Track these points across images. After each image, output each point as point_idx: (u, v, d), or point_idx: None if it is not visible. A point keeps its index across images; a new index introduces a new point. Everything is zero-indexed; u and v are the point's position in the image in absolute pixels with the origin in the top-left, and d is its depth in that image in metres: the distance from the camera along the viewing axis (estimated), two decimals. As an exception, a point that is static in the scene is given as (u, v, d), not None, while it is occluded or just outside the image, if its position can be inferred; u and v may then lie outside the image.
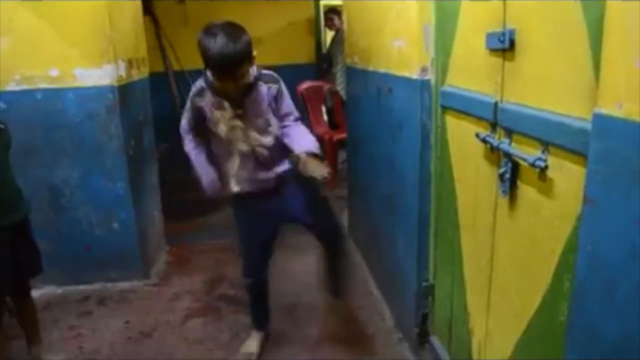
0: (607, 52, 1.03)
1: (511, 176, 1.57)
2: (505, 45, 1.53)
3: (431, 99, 2.23)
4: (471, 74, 1.86)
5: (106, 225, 3.35)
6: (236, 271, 2.96)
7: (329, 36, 7.09)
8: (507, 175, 1.58)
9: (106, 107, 3.15)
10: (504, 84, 1.60)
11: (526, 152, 1.47)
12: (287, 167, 2.43)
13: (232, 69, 2.09)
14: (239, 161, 2.36)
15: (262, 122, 2.32)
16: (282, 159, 2.42)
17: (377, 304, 3.11)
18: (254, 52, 2.18)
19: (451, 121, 2.09)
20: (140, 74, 3.60)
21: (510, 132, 1.58)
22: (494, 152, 1.68)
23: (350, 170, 4.05)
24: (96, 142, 3.20)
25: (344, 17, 3.84)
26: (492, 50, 1.63)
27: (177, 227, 4.26)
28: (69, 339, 2.88)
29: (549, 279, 1.40)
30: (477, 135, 1.74)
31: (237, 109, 2.27)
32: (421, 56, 2.22)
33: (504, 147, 1.58)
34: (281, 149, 2.38)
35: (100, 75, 3.12)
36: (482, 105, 1.72)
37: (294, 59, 6.47)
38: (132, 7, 3.51)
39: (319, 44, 6.89)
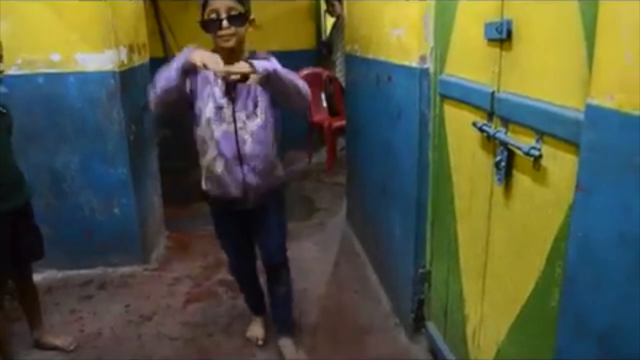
0: (600, 46, 1.05)
1: (506, 165, 1.60)
2: (502, 35, 1.56)
3: (430, 88, 2.25)
4: (469, 64, 1.88)
5: (107, 210, 3.38)
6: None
7: (329, 22, 7.06)
8: (502, 163, 1.61)
9: (107, 92, 3.17)
10: (501, 74, 1.62)
11: (521, 141, 1.50)
12: (271, 183, 2.39)
13: None
14: (216, 151, 2.23)
15: (251, 104, 2.21)
16: (270, 166, 2.36)
17: (374, 289, 3.15)
18: (253, 16, 2.16)
19: (449, 110, 2.11)
20: (141, 59, 3.62)
21: (506, 122, 1.60)
22: (490, 141, 1.70)
23: (349, 157, 4.07)
24: (97, 127, 3.22)
25: (344, 4, 3.84)
26: (490, 40, 1.66)
27: (177, 213, 4.29)
28: (70, 322, 2.92)
29: (542, 265, 1.44)
30: (474, 124, 1.77)
31: (228, 87, 2.18)
32: (420, 45, 2.23)
33: (500, 136, 1.61)
34: (266, 145, 2.30)
35: (101, 60, 3.13)
36: (480, 94, 1.75)
37: (294, 45, 6.44)
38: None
39: (319, 30, 6.86)
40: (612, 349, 1.08)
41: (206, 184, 2.37)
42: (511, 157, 1.59)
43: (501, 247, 1.72)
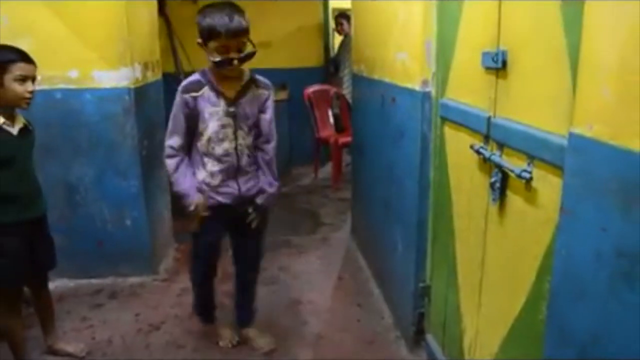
0: (581, 80, 1.15)
1: (501, 186, 1.70)
2: (498, 64, 1.66)
3: (431, 111, 2.36)
4: (468, 89, 1.99)
5: (119, 222, 3.48)
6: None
7: (337, 40, 7.19)
8: (497, 184, 1.70)
9: (122, 108, 3.29)
10: (496, 100, 1.73)
11: (514, 164, 1.60)
12: (256, 189, 2.53)
13: (234, 27, 2.15)
14: (217, 166, 2.41)
15: (251, 122, 2.41)
16: (256, 176, 2.53)
17: (377, 303, 3.23)
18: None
19: (449, 132, 2.22)
20: (154, 75, 3.75)
21: (501, 145, 1.70)
22: (487, 163, 1.80)
23: (354, 173, 4.18)
24: (112, 142, 3.34)
25: (352, 26, 3.96)
26: (487, 68, 1.76)
27: (185, 226, 4.37)
28: (81, 329, 3.02)
29: (532, 281, 1.53)
30: (471, 146, 1.87)
31: (231, 106, 2.33)
32: (423, 69, 2.35)
33: (495, 158, 1.70)
34: (255, 160, 2.51)
35: (117, 77, 3.26)
36: (477, 118, 1.85)
37: (303, 62, 6.57)
38: (148, 11, 3.66)
39: (327, 48, 6.99)
40: (592, 356, 1.16)
41: (198, 192, 2.47)
42: (505, 178, 1.69)
43: (496, 263, 1.81)
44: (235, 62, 2.23)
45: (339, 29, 6.59)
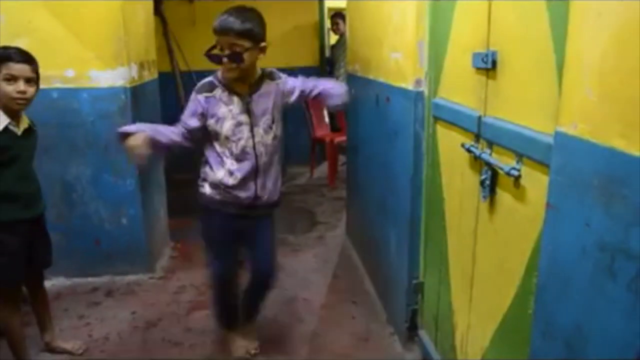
0: (565, 80, 1.19)
1: (491, 183, 1.73)
2: (488, 65, 1.70)
3: (424, 110, 2.39)
4: (459, 89, 2.02)
5: (115, 220, 3.51)
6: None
7: (333, 40, 7.21)
8: (487, 182, 1.74)
9: (118, 108, 3.32)
10: (487, 99, 1.76)
11: (503, 162, 1.64)
12: (276, 196, 2.52)
13: (231, 25, 2.17)
14: (235, 165, 2.37)
15: (268, 119, 2.38)
16: (276, 180, 2.50)
17: (371, 300, 3.27)
18: (264, 43, 2.28)
19: (441, 131, 2.25)
20: (150, 75, 3.78)
21: (491, 144, 1.74)
22: (477, 161, 1.84)
23: (349, 172, 4.21)
24: (108, 141, 3.35)
25: (347, 26, 4.00)
26: (478, 68, 1.80)
27: (181, 224, 4.42)
28: (78, 327, 3.04)
29: (521, 276, 1.57)
30: (462, 145, 1.90)
31: (245, 104, 2.33)
32: (416, 69, 2.38)
33: (485, 156, 1.74)
34: (277, 159, 2.48)
35: (113, 76, 3.29)
36: (468, 118, 1.89)
37: (299, 62, 6.58)
38: (144, 11, 3.69)
39: (322, 47, 7.01)
40: (577, 348, 1.20)
41: (211, 192, 2.44)
42: (495, 176, 1.72)
43: (486, 259, 1.85)
44: (224, 59, 2.23)
45: (335, 29, 6.62)
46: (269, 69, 2.47)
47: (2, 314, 2.46)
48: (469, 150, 1.86)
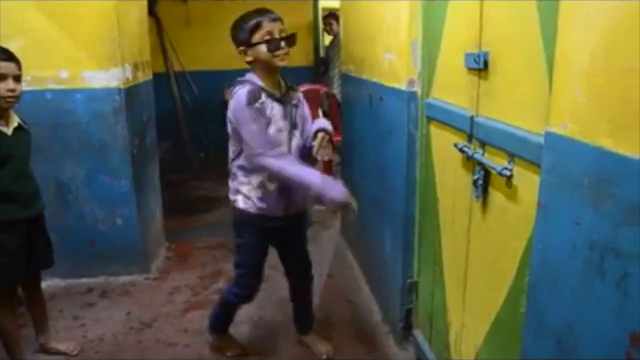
0: (555, 80, 1.20)
1: (483, 183, 1.75)
2: (480, 65, 1.71)
3: (417, 110, 2.40)
4: (452, 89, 2.03)
5: (110, 221, 3.51)
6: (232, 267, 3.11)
7: (327, 40, 7.22)
8: (479, 182, 1.75)
9: (113, 108, 3.32)
10: (479, 100, 1.77)
11: (496, 161, 1.65)
12: (303, 205, 2.53)
13: (277, 15, 2.27)
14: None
15: (299, 125, 2.40)
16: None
17: (366, 300, 3.28)
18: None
19: (435, 131, 2.27)
20: (144, 75, 3.78)
21: (483, 144, 1.75)
22: (470, 161, 1.85)
23: (343, 172, 4.23)
24: (102, 141, 3.37)
25: (341, 26, 4.01)
26: (470, 69, 1.81)
27: (176, 224, 4.43)
28: (73, 328, 3.05)
29: (513, 275, 1.58)
30: (455, 145, 1.92)
31: (284, 109, 2.32)
32: (409, 70, 2.39)
33: (477, 156, 1.75)
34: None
35: (107, 77, 3.29)
36: (461, 118, 1.90)
37: (293, 62, 6.57)
38: (138, 11, 3.68)
39: (317, 47, 7.02)
40: (567, 346, 1.21)
41: (248, 202, 2.37)
42: (487, 175, 1.73)
43: (479, 258, 1.86)
44: (282, 44, 2.24)
45: (328, 29, 6.62)
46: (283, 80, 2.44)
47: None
48: (461, 150, 1.87)
